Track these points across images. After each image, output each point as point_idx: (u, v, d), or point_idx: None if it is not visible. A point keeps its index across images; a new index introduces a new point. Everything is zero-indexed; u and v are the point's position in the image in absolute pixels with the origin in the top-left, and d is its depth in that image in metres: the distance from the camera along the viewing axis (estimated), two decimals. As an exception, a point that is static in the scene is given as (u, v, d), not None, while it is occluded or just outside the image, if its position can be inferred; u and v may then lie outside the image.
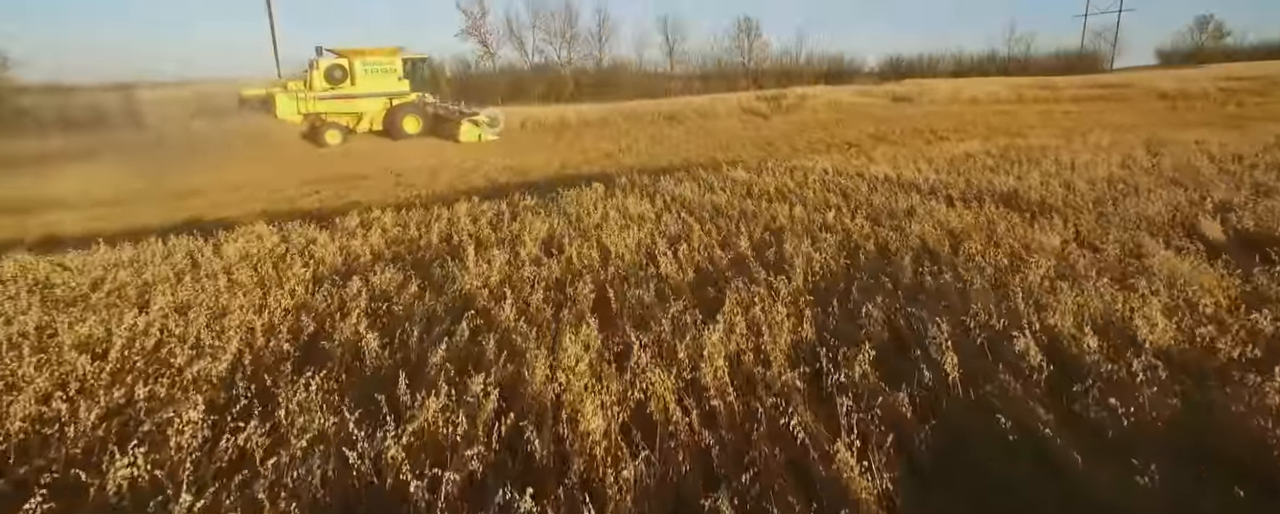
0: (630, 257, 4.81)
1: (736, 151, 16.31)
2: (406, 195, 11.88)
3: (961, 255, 4.52)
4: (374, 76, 18.94)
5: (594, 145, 17.74)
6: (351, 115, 19.08)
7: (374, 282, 4.49)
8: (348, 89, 18.71)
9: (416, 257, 5.48)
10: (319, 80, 18.41)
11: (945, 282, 4.02)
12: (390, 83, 19.31)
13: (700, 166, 12.88)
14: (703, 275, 4.47)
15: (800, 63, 39.21)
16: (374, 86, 18.89)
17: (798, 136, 18.31)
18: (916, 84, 27.04)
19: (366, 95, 18.91)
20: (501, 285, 4.33)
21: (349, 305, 4.08)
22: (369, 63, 18.98)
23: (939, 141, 17.33)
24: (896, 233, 5.15)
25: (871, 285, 4.02)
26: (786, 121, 21.00)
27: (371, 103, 19.06)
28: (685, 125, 20.75)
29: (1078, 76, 30.87)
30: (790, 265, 4.43)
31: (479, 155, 16.56)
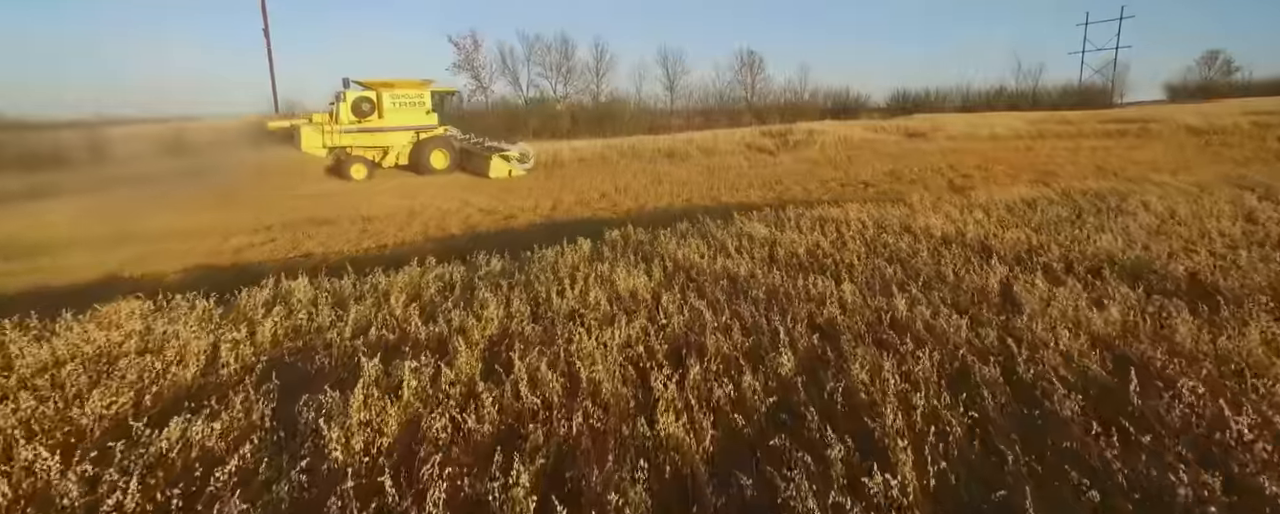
0: (611, 386, 3.08)
1: (744, 192, 14.73)
2: (367, 245, 10.24)
3: (1160, 396, 2.77)
4: (402, 110, 18.26)
5: (589, 184, 16.22)
6: (377, 149, 18.38)
7: (194, 436, 2.75)
8: (375, 122, 17.94)
9: (301, 371, 3.76)
10: (346, 113, 17.57)
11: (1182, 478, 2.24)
12: (418, 116, 18.50)
13: (707, 212, 11.31)
14: (730, 437, 2.70)
15: (804, 97, 38.14)
16: (402, 120, 18.26)
17: (809, 176, 16.77)
18: (929, 119, 25.73)
19: (394, 129, 18.21)
20: (388, 455, 2.61)
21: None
22: (397, 95, 18.25)
23: (964, 181, 15.80)
24: (1014, 340, 3.43)
25: (1038, 476, 2.26)
26: (795, 159, 19.51)
27: (399, 137, 18.40)
28: (688, 163, 19.25)
29: (1092, 111, 29.64)
30: (872, 411, 2.71)
31: (464, 196, 15.01)
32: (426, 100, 18.75)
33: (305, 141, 17.41)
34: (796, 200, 14.01)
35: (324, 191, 15.54)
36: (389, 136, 18.31)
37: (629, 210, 13.02)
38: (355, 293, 5.11)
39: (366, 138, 18.04)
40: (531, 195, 14.99)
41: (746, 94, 38.85)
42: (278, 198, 14.56)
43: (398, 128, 18.32)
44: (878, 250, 5.55)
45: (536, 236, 10.32)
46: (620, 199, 14.26)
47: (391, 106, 18.12)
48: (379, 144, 18.36)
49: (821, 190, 14.85)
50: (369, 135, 18.04)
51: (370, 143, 18.18)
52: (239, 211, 12.66)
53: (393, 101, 18.15)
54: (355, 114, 17.67)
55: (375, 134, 18.10)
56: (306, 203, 13.89)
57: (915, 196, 7.85)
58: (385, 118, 18.08)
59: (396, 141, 18.51)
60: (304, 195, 14.95)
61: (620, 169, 18.47)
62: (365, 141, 18.06)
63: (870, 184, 15.34)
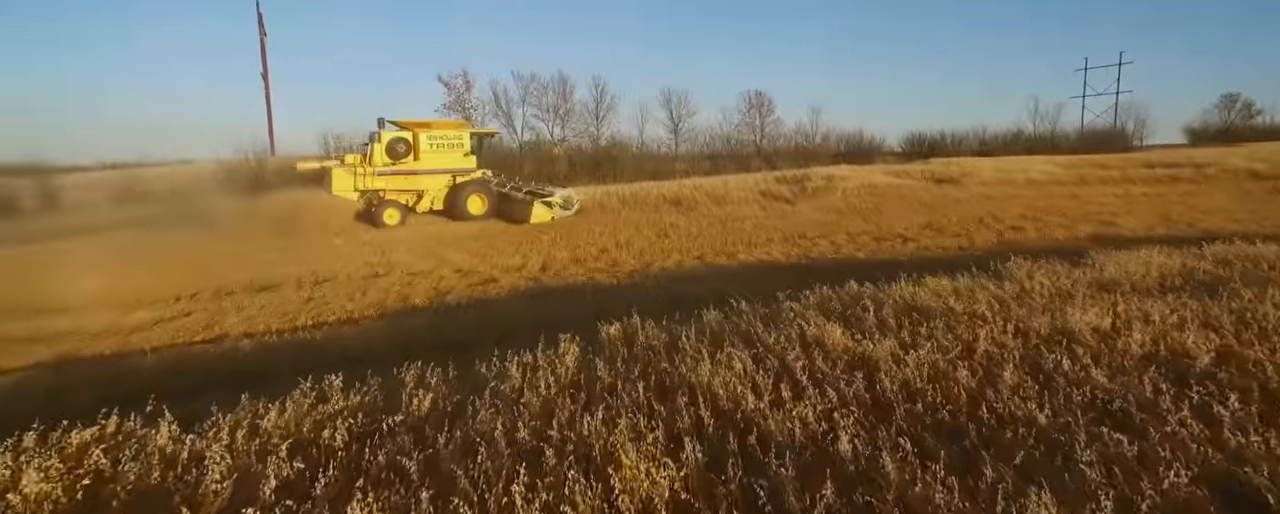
0: None
1: (764, 247, 12.82)
2: (303, 320, 8.23)
3: None
4: (439, 152, 17.17)
5: (586, 237, 14.36)
6: (412, 193, 17.36)
7: None
8: (410, 164, 16.97)
9: None
10: (380, 154, 16.62)
11: None
12: (455, 158, 17.49)
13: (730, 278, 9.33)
14: None
15: (816, 141, 36.66)
16: (438, 163, 17.30)
17: (835, 227, 14.91)
18: (955, 163, 24.12)
19: (430, 172, 17.24)
20: None
21: None
22: (435, 136, 17.19)
23: (1014, 233, 13.90)
24: None
25: None
26: (816, 208, 17.71)
27: (434, 180, 17.40)
28: (697, 212, 17.45)
29: (1127, 155, 28.13)
30: None
31: (443, 251, 13.14)
32: (465, 142, 17.73)
33: (336, 184, 16.42)
34: (826, 257, 12.12)
35: (284, 244, 13.65)
36: (424, 180, 17.24)
37: (632, 271, 11.09)
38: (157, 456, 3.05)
39: (401, 181, 16.97)
40: (520, 251, 13.10)
41: (755, 137, 37.34)
42: (234, 252, 12.68)
43: (434, 171, 17.30)
44: (1026, 368, 3.52)
45: (515, 313, 8.31)
46: (622, 256, 12.35)
47: (428, 148, 17.13)
48: (414, 188, 17.28)
49: (853, 245, 12.95)
50: (403, 178, 16.98)
51: (404, 186, 17.08)
52: (170, 273, 10.72)
53: (430, 143, 17.16)
54: (390, 156, 16.68)
55: (410, 177, 17.06)
56: (256, 260, 11.98)
57: (1021, 271, 5.82)
58: (421, 160, 17.08)
59: (432, 185, 17.42)
60: (262, 249, 13.06)
61: (622, 219, 16.65)
62: (399, 185, 16.98)
63: (908, 238, 13.45)
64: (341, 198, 16.50)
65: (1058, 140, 41.56)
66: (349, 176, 16.59)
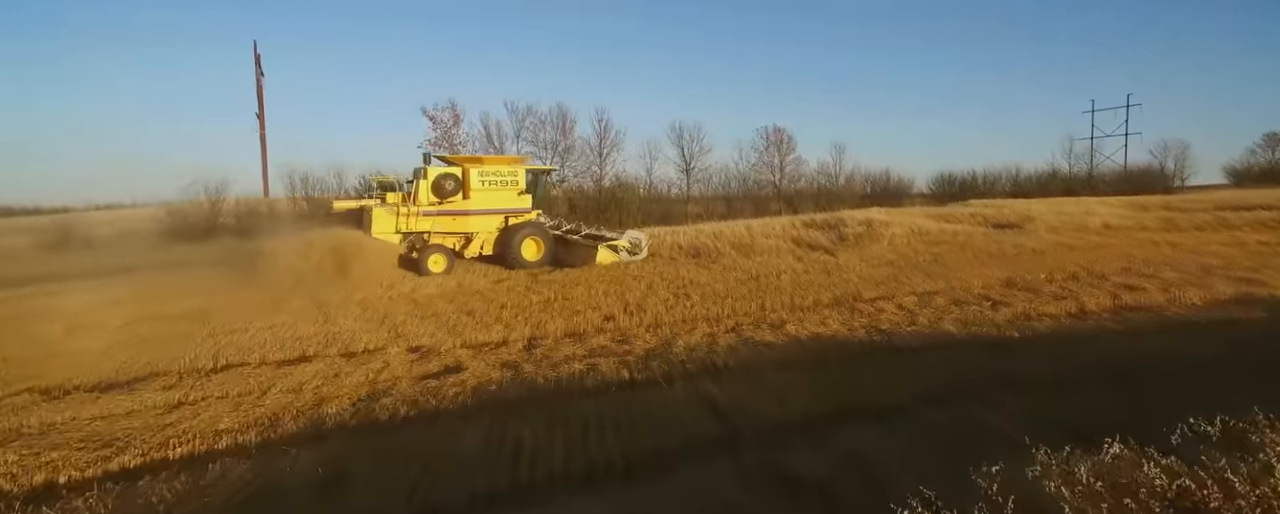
0: None
1: (818, 316, 9.96)
2: (116, 463, 5.37)
3: None
4: (491, 190, 15.47)
5: (588, 299, 11.60)
6: (459, 236, 15.70)
7: None
8: (458, 204, 15.22)
9: None
10: (425, 192, 14.84)
11: None
12: (509, 197, 15.74)
13: (820, 403, 6.38)
14: None
15: (840, 182, 34.09)
16: (490, 202, 15.60)
17: (895, 285, 12.11)
18: (1007, 207, 21.48)
19: (481, 212, 15.50)
20: None
21: None
22: (487, 173, 15.43)
23: (1131, 294, 11.00)
24: None
25: None
26: (863, 260, 14.92)
27: (485, 221, 15.71)
28: (721, 265, 14.69)
29: (1192, 195, 25.57)
30: None
31: (404, 322, 10.35)
32: (520, 179, 15.84)
33: (376, 225, 14.62)
34: (903, 330, 9.23)
35: (194, 309, 10.86)
36: (474, 221, 15.50)
37: (649, 351, 8.23)
38: None
39: (448, 222, 15.26)
40: (502, 318, 10.30)
41: (774, 177, 34.67)
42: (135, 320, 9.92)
43: (485, 211, 15.55)
44: None
45: (465, 453, 5.36)
46: (632, 327, 9.54)
47: (480, 186, 15.32)
48: (462, 230, 15.54)
49: (929, 312, 10.07)
50: (451, 219, 15.26)
51: (452, 228, 15.38)
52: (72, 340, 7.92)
53: (481, 180, 15.33)
54: (436, 194, 14.89)
55: (458, 218, 15.33)
56: (144, 335, 9.16)
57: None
58: (471, 199, 15.31)
59: (483, 227, 15.70)
60: (159, 317, 10.26)
61: (631, 274, 13.86)
62: (446, 226, 15.28)
63: (996, 300, 10.59)
64: (382, 241, 14.63)
65: (1095, 181, 39.25)
66: (390, 217, 14.69)
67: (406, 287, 12.97)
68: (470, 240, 15.78)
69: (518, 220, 15.93)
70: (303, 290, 12.38)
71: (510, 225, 15.81)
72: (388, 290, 12.73)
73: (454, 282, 13.64)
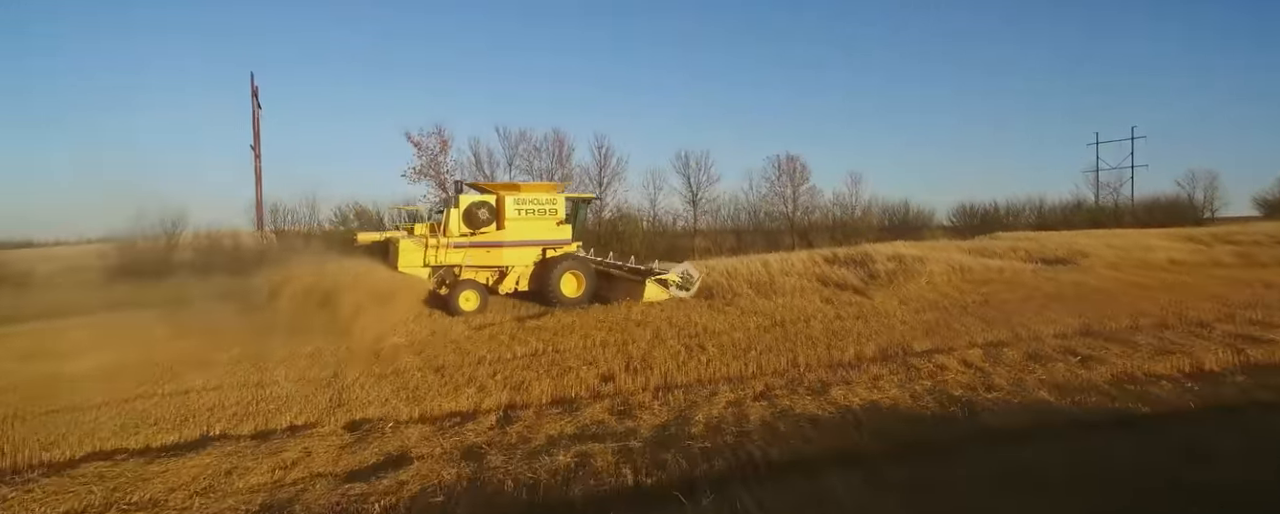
0: None
1: (866, 374, 8.06)
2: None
3: None
4: (528, 220, 14.25)
5: (583, 351, 9.79)
6: (493, 270, 14.53)
7: None
8: (492, 235, 14.01)
9: None
10: (455, 222, 13.69)
11: None
12: (547, 228, 14.51)
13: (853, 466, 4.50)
14: None
15: (857, 213, 32.30)
16: (526, 233, 14.38)
17: (949, 333, 10.24)
18: (1050, 239, 19.72)
19: (516, 244, 14.27)
20: None
21: None
22: (524, 201, 14.20)
23: (1256, 345, 9.07)
24: None
25: None
26: (901, 301, 13.08)
27: (522, 254, 14.47)
28: (736, 307, 12.86)
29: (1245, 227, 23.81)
30: None
31: (350, 378, 8.53)
32: (558, 208, 14.57)
33: (402, 258, 13.49)
34: (982, 397, 7.30)
35: (102, 366, 9.04)
36: (509, 253, 14.26)
37: (658, 429, 6.34)
38: None
39: (480, 255, 14.05)
40: (477, 378, 8.46)
41: (787, 208, 32.79)
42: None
43: (521, 242, 14.31)
44: None
45: None
46: (637, 390, 7.70)
47: (516, 215, 14.12)
48: (495, 263, 14.33)
49: (1002, 370, 8.14)
50: (484, 252, 14.06)
51: (485, 261, 14.17)
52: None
53: (517, 209, 14.12)
54: (468, 224, 13.72)
55: (492, 251, 14.11)
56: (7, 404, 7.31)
57: None
58: (506, 229, 14.08)
59: (518, 260, 14.47)
60: (52, 377, 8.43)
61: (633, 318, 12.01)
62: (478, 260, 14.07)
63: (1080, 352, 8.67)
64: (409, 275, 13.46)
65: (1121, 212, 37.55)
66: (418, 249, 13.53)
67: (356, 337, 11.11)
68: (505, 275, 14.49)
69: (556, 253, 14.62)
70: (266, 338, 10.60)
71: (548, 258, 14.50)
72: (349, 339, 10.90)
73: (428, 329, 11.80)
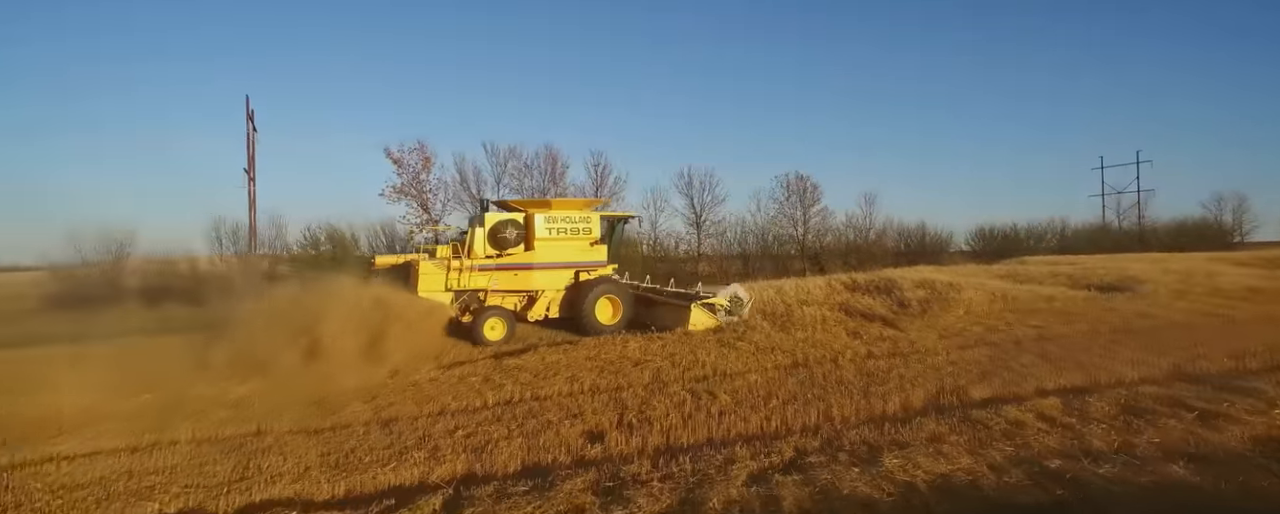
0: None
1: (919, 434, 6.27)
2: None
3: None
4: (560, 240, 13.37)
5: (567, 400, 8.12)
6: (521, 295, 13.58)
7: None
8: (520, 257, 13.18)
9: None
10: (480, 243, 12.92)
11: None
12: (580, 249, 13.63)
13: None
14: None
15: (870, 236, 30.56)
16: (558, 254, 13.49)
17: (1009, 374, 8.54)
18: (1095, 264, 18.09)
19: (547, 266, 13.40)
20: None
21: None
22: (555, 220, 13.31)
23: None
24: None
25: None
26: (941, 334, 11.40)
27: (553, 277, 13.59)
28: (749, 342, 11.22)
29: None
30: None
31: (273, 436, 6.86)
32: (593, 227, 13.69)
33: (423, 283, 12.52)
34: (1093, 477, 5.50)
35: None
36: (539, 276, 13.38)
37: (667, 510, 4.65)
38: None
39: (508, 279, 13.16)
40: (431, 436, 6.78)
41: (797, 231, 31.01)
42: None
43: (552, 265, 13.46)
44: None
45: None
46: (632, 453, 6.07)
47: (546, 234, 13.25)
48: (524, 288, 13.41)
49: (1108, 434, 6.30)
50: (511, 275, 13.17)
51: (512, 286, 13.26)
52: None
53: (548, 228, 13.26)
54: (494, 244, 12.95)
55: (521, 274, 13.23)
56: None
57: None
58: (536, 251, 13.22)
59: (549, 284, 13.60)
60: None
61: (628, 355, 10.34)
62: (506, 284, 13.17)
63: (1198, 406, 6.89)
64: (430, 300, 12.38)
65: (1147, 235, 35.91)
66: (439, 273, 12.62)
67: (313, 378, 9.40)
68: (534, 300, 13.58)
69: (590, 276, 13.66)
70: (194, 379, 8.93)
71: (581, 282, 13.58)
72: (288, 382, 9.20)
73: (387, 369, 10.08)
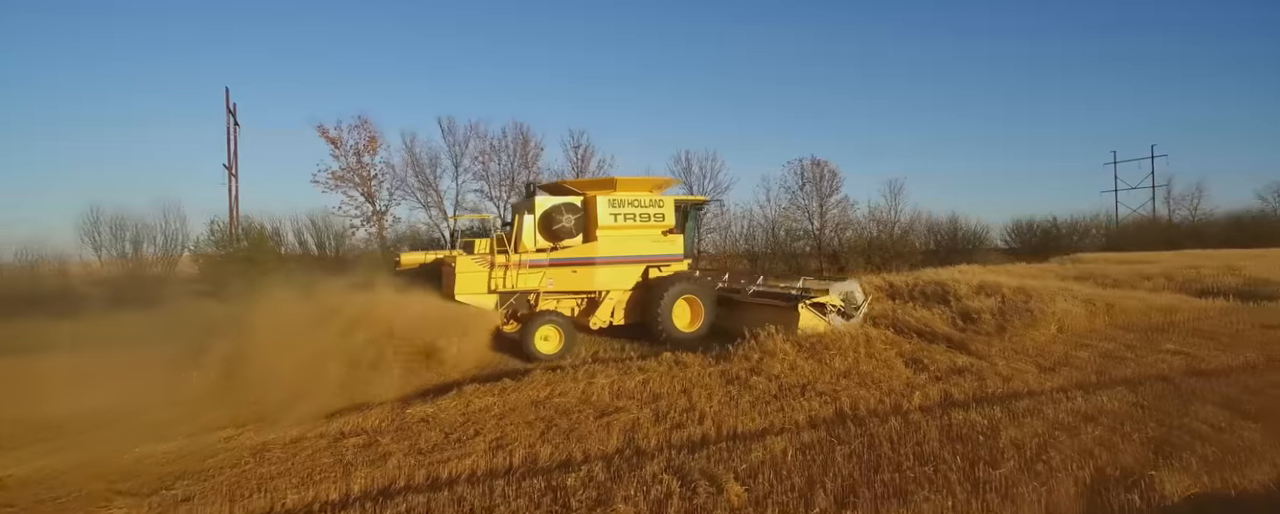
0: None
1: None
2: None
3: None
4: (626, 229, 11.16)
5: (478, 480, 4.91)
6: (580, 297, 11.46)
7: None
8: (578, 250, 10.95)
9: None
10: (530, 234, 10.76)
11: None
12: (650, 239, 11.44)
13: None
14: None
15: (895, 232, 27.16)
16: (625, 246, 11.28)
17: (1190, 439, 5.29)
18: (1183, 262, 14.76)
19: (611, 261, 11.14)
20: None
21: None
22: (621, 203, 11.11)
23: None
24: None
25: None
26: (1033, 360, 8.24)
27: (618, 274, 11.34)
28: (766, 375, 8.11)
29: None
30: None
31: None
32: (666, 213, 11.47)
33: (460, 285, 10.34)
34: None
35: None
36: (602, 274, 11.14)
37: None
38: None
39: (564, 277, 10.93)
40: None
41: (813, 225, 27.51)
42: None
43: (618, 259, 11.21)
44: None
45: None
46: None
47: (610, 221, 11.04)
48: (584, 288, 11.20)
49: None
50: (569, 273, 10.95)
51: (570, 285, 11.06)
52: None
53: (613, 213, 11.05)
54: (546, 235, 10.84)
55: (580, 270, 11.00)
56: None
57: None
58: (599, 242, 11.00)
59: (615, 282, 11.35)
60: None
61: (594, 398, 7.18)
62: (562, 283, 10.97)
63: None
64: (471, 303, 10.31)
65: (1200, 228, 32.76)
66: (480, 271, 10.44)
67: (254, 436, 6.19)
68: (596, 303, 11.35)
69: (662, 272, 11.42)
70: None
71: (651, 280, 11.37)
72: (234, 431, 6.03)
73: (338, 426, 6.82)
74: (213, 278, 13.34)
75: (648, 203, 11.32)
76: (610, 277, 11.26)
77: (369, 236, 22.10)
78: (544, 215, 10.77)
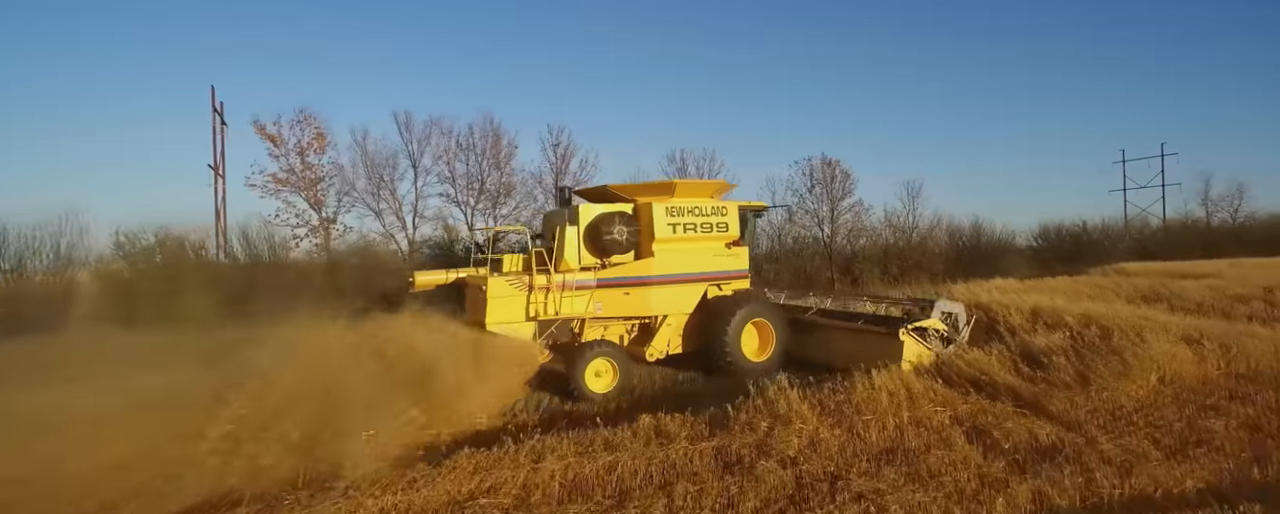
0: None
1: None
2: None
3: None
4: (685, 241, 9.33)
5: None
6: (631, 323, 9.64)
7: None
8: (630, 267, 9.19)
9: None
10: (573, 247, 8.93)
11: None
12: (712, 252, 9.67)
13: None
14: None
15: (913, 238, 24.90)
16: (684, 262, 9.43)
17: None
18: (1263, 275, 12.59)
19: (669, 280, 9.33)
20: None
21: None
22: (680, 211, 9.34)
23: None
24: None
25: None
26: (1144, 431, 6.05)
27: (677, 295, 9.51)
28: (774, 457, 5.90)
29: None
30: None
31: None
32: (730, 221, 9.78)
33: (492, 311, 8.47)
34: None
35: None
36: (658, 296, 9.37)
37: None
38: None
39: (615, 300, 9.14)
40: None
41: (823, 231, 24.99)
42: None
43: (677, 277, 9.44)
44: None
45: None
46: None
47: (668, 233, 9.29)
48: (637, 313, 9.44)
49: None
50: (620, 295, 9.14)
51: (622, 310, 9.26)
52: None
53: (671, 223, 9.30)
54: (595, 249, 9.11)
55: (633, 291, 9.19)
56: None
57: None
58: (656, 257, 9.24)
59: (674, 306, 9.59)
60: None
61: (537, 492, 4.98)
62: (613, 307, 9.17)
63: None
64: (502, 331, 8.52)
65: (1241, 232, 30.58)
66: (516, 294, 8.67)
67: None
68: (651, 330, 9.62)
69: (725, 290, 9.84)
70: None
71: (711, 300, 9.73)
72: None
73: None
74: (115, 298, 11.24)
75: (710, 210, 9.62)
76: (669, 299, 9.54)
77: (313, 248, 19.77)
78: (591, 226, 9.09)
